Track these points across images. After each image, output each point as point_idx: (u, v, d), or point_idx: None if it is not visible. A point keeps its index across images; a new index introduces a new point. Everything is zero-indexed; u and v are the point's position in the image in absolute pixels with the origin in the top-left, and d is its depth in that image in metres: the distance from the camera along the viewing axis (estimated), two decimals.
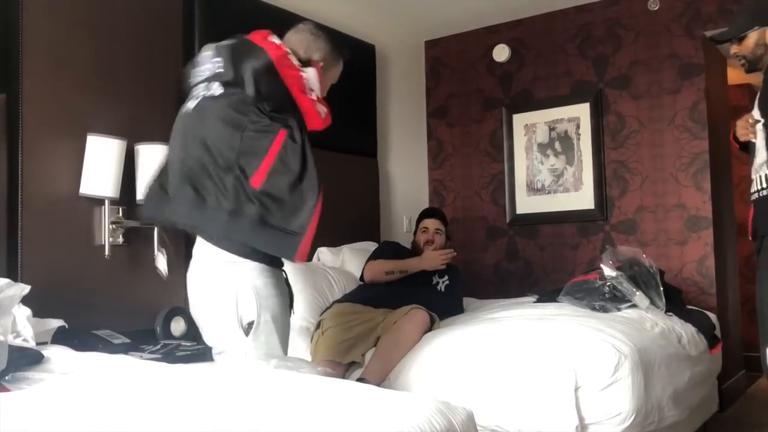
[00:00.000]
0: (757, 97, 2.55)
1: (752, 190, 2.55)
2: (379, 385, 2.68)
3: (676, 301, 3.35)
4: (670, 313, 3.19)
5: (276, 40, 2.07)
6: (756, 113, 2.53)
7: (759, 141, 2.51)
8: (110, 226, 2.90)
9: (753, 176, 2.55)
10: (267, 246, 1.98)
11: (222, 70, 2.02)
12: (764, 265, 2.47)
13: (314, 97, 2.07)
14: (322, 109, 2.11)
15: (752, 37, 2.52)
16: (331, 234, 3.77)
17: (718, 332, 3.52)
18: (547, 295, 3.53)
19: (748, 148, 2.62)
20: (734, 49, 2.60)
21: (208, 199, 1.96)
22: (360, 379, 2.71)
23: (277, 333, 2.05)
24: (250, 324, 2.03)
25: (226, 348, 2.09)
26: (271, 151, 1.93)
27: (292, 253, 1.96)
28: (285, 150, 1.94)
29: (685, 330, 3.12)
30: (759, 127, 2.50)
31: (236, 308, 2.05)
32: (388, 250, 3.56)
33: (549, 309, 3.19)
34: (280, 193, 1.93)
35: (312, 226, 1.95)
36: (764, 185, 2.47)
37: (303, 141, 1.99)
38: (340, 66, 2.30)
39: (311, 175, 1.96)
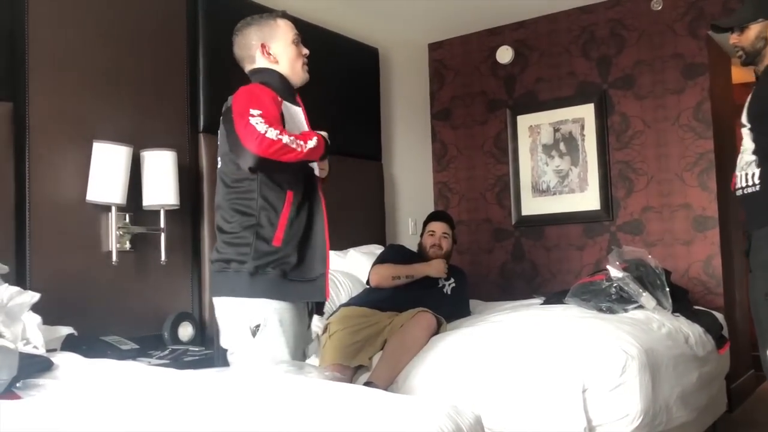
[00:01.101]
0: (747, 102, 2.54)
1: (737, 186, 2.56)
2: (386, 388, 2.69)
3: (682, 302, 3.35)
4: (677, 314, 3.19)
5: (255, 118, 1.98)
6: (744, 118, 2.53)
7: (746, 143, 2.52)
8: (117, 233, 2.92)
9: (738, 172, 2.56)
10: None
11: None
12: (755, 267, 2.47)
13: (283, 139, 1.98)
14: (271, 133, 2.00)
15: (754, 28, 2.50)
16: (337, 237, 3.75)
17: (725, 332, 3.51)
18: (554, 296, 3.53)
19: None
20: (734, 38, 2.57)
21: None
22: (368, 383, 2.71)
23: (284, 337, 2.06)
24: (258, 326, 2.05)
25: (234, 350, 2.12)
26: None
27: (323, 296, 2.16)
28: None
29: (692, 330, 3.12)
30: (745, 131, 2.51)
31: (244, 309, 2.07)
32: (395, 254, 3.56)
33: (556, 311, 3.19)
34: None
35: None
36: (749, 182, 2.48)
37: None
38: (280, 23, 2.23)
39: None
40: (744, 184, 2.52)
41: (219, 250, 2.14)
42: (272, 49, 2.22)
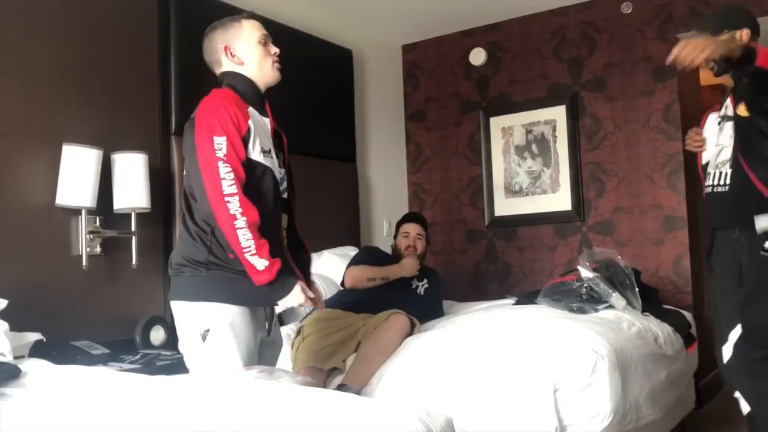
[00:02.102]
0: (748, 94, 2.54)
1: (706, 184, 2.60)
2: (360, 390, 2.69)
3: (652, 301, 3.40)
4: (647, 313, 3.23)
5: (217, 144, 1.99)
6: (742, 109, 2.54)
7: (725, 139, 2.55)
8: (87, 236, 2.88)
9: (710, 170, 2.60)
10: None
11: None
12: (716, 267, 2.52)
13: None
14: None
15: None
16: (311, 239, 3.73)
17: (693, 331, 3.57)
18: (526, 297, 3.56)
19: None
20: None
21: None
22: (341, 385, 2.72)
23: (236, 342, 2.03)
24: (207, 331, 2.04)
25: (187, 354, 2.11)
26: None
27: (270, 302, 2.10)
28: None
29: (661, 329, 3.17)
30: (729, 125, 2.55)
31: (194, 313, 2.06)
32: (369, 256, 3.57)
33: (528, 311, 3.22)
34: None
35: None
36: (722, 182, 2.53)
37: None
38: (244, 24, 2.19)
39: None
40: (714, 183, 2.56)
41: (175, 254, 2.13)
42: (236, 50, 2.17)
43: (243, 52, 2.18)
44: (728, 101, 2.63)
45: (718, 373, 4.59)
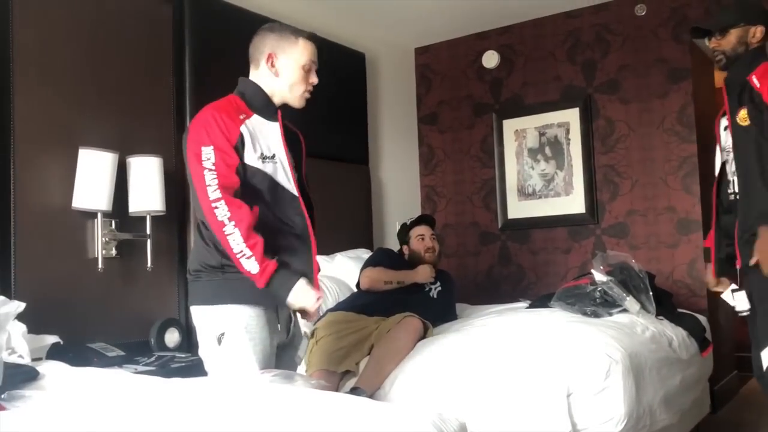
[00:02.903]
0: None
1: (730, 191, 2.59)
2: (373, 393, 2.70)
3: (666, 305, 3.38)
4: (661, 317, 3.22)
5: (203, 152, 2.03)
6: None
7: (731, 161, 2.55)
8: (103, 239, 2.91)
9: (730, 178, 2.58)
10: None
11: None
12: (753, 270, 2.47)
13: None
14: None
15: (734, 33, 2.52)
16: (324, 242, 3.76)
17: (708, 335, 3.55)
18: (539, 300, 3.55)
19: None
20: (714, 43, 2.57)
21: None
22: (354, 388, 2.72)
23: (252, 344, 2.05)
24: (222, 334, 2.06)
25: (205, 358, 2.12)
26: None
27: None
28: None
29: (675, 333, 3.15)
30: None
31: (210, 317, 2.09)
32: (385, 257, 3.57)
33: (541, 314, 3.21)
34: None
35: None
36: (735, 189, 2.52)
37: None
38: (300, 42, 2.19)
39: None
40: (733, 190, 2.56)
41: (192, 261, 2.17)
42: (278, 62, 2.18)
43: (284, 67, 2.18)
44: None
45: (733, 377, 4.58)
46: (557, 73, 4.61)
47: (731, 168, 2.57)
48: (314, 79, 2.22)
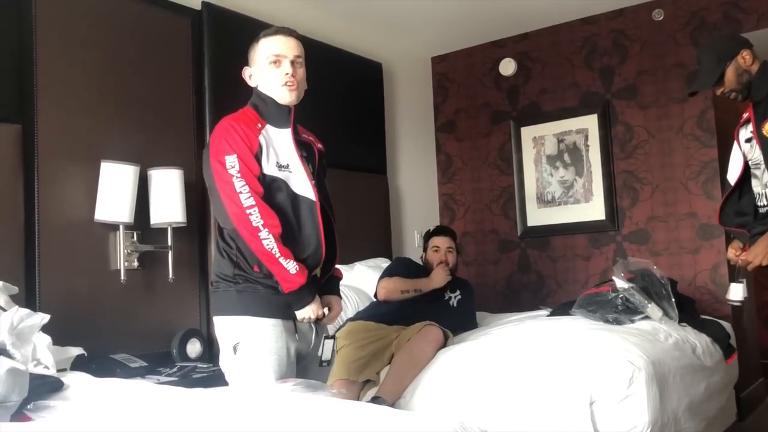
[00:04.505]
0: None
1: (760, 203, 2.58)
2: (394, 402, 2.70)
3: (689, 311, 3.35)
4: (684, 324, 3.18)
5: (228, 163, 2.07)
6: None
7: (760, 172, 2.53)
8: (125, 251, 2.94)
9: (760, 190, 2.57)
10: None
11: None
12: None
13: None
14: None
15: (728, 73, 2.53)
16: (343, 251, 3.75)
17: (733, 341, 3.50)
18: (561, 308, 3.53)
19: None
20: (719, 91, 2.61)
21: None
22: (375, 398, 2.72)
23: (266, 355, 2.06)
24: (238, 344, 2.08)
25: (223, 368, 2.14)
26: None
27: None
28: None
29: (699, 340, 3.11)
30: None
31: (227, 327, 2.11)
32: (402, 268, 3.57)
33: (562, 322, 3.19)
34: None
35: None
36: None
37: None
38: (259, 44, 2.21)
39: None
40: (765, 203, 2.55)
41: (212, 272, 2.21)
42: (250, 71, 2.23)
43: (255, 72, 2.23)
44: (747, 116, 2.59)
45: (759, 384, 4.50)
46: (575, 80, 4.60)
47: (761, 181, 2.55)
48: (286, 70, 2.16)
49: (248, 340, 2.07)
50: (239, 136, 2.07)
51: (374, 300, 3.48)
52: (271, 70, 2.17)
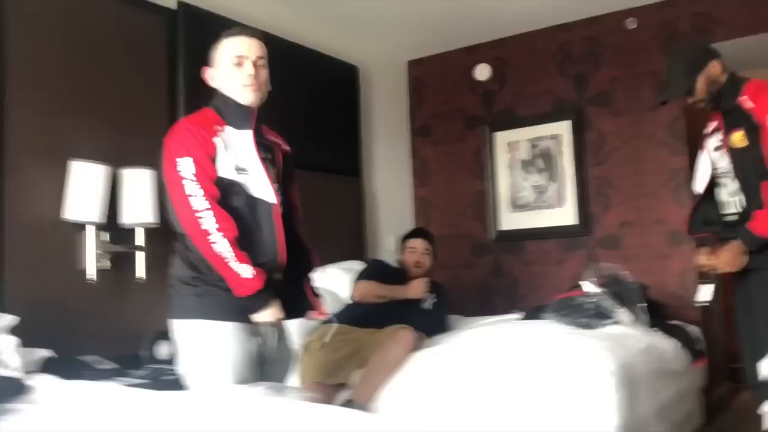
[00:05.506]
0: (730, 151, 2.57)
1: (727, 211, 2.62)
2: (367, 406, 2.69)
3: (659, 316, 3.39)
4: (654, 329, 3.23)
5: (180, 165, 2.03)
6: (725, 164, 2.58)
7: (728, 181, 2.57)
8: (96, 251, 2.90)
9: (726, 199, 2.61)
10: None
11: None
12: (756, 281, 2.51)
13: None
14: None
15: (699, 82, 2.57)
16: (317, 254, 3.77)
17: (702, 346, 3.56)
18: (533, 312, 3.56)
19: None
20: (690, 100, 2.65)
21: None
22: (348, 401, 2.72)
23: (223, 358, 2.03)
24: (194, 348, 2.07)
25: (181, 371, 2.11)
26: None
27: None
28: None
29: (669, 345, 3.16)
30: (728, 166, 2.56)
31: (185, 331, 2.09)
32: (378, 270, 3.57)
33: (534, 326, 3.22)
34: None
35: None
36: (740, 210, 2.55)
37: None
38: (220, 44, 2.18)
39: None
40: (735, 210, 2.60)
41: (170, 274, 2.16)
42: (212, 72, 2.20)
43: (215, 74, 2.19)
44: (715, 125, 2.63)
45: (726, 388, 4.57)
46: (549, 86, 4.64)
47: (727, 189, 2.59)
48: (248, 71, 2.13)
49: (208, 345, 2.04)
50: (194, 138, 2.04)
51: (349, 302, 3.47)
52: (233, 71, 2.14)
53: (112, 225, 2.96)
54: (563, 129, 4.54)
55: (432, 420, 2.51)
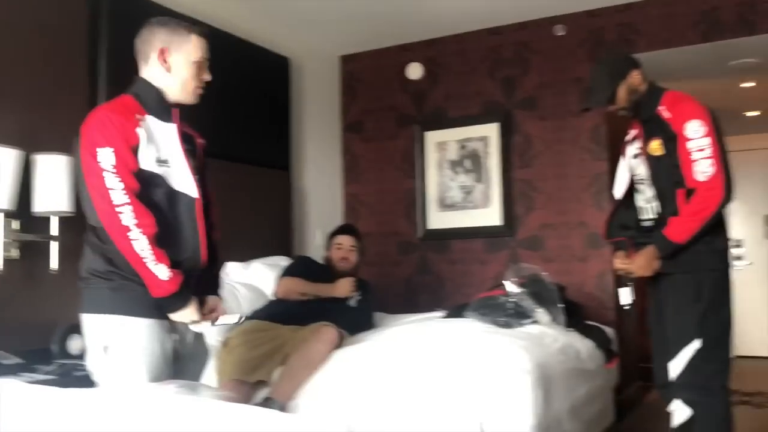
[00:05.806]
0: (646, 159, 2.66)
1: (643, 217, 2.71)
2: (286, 404, 2.66)
3: (576, 317, 3.49)
4: (570, 329, 3.32)
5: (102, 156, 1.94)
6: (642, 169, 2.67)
7: (645, 187, 2.67)
8: (4, 240, 2.76)
9: (643, 205, 2.70)
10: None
11: None
12: (667, 285, 2.61)
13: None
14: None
15: (620, 91, 2.66)
16: (240, 248, 3.71)
17: (615, 346, 3.69)
18: (455, 310, 3.60)
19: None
20: (611, 108, 2.73)
21: None
22: (267, 399, 2.68)
23: (139, 355, 1.97)
24: (108, 345, 1.99)
25: (92, 369, 2.04)
26: None
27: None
28: None
29: (584, 345, 3.26)
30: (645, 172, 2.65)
31: (97, 327, 2.01)
32: (304, 267, 3.54)
33: (455, 325, 3.26)
34: None
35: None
36: (655, 215, 2.64)
37: None
38: (192, 39, 2.09)
39: None
40: (650, 216, 2.68)
41: (81, 267, 2.06)
42: (171, 57, 2.08)
43: (176, 63, 2.08)
44: (635, 133, 2.73)
45: (637, 387, 4.76)
46: (479, 88, 4.71)
47: (644, 196, 2.68)
48: (207, 76, 2.12)
49: (121, 341, 1.97)
50: (115, 128, 1.94)
51: (272, 299, 3.43)
52: (193, 71, 2.09)
53: (24, 213, 2.82)
54: (491, 131, 4.62)
55: (350, 418, 2.50)
